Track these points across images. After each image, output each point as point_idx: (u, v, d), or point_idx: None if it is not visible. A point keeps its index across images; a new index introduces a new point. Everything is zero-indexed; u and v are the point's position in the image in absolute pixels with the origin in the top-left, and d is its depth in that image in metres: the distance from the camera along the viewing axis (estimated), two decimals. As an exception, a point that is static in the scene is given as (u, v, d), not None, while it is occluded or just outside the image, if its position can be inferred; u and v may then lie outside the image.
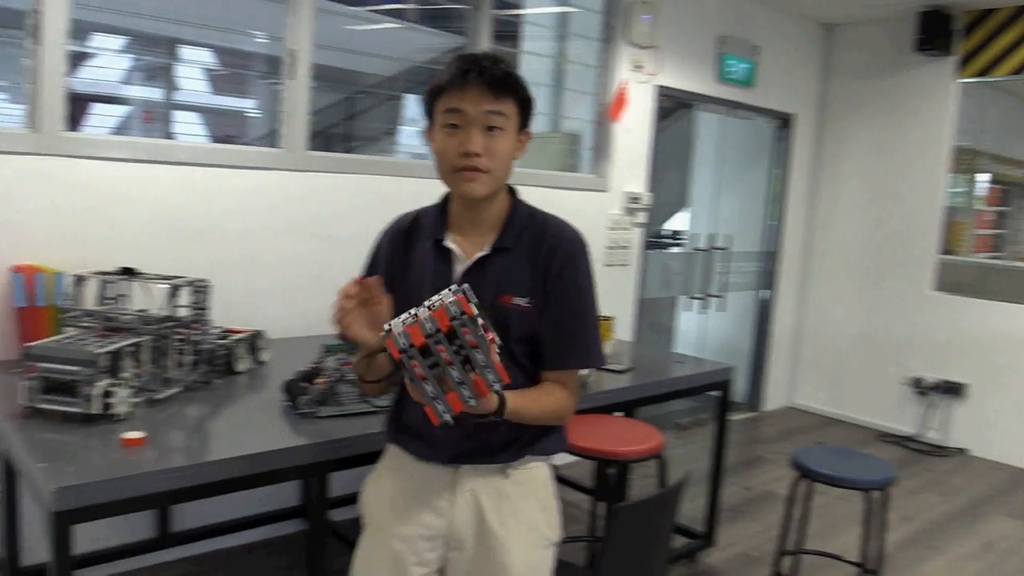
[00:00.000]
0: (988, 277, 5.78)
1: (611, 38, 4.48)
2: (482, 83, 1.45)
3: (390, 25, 8.02)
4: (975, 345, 5.20)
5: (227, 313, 2.75)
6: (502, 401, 1.39)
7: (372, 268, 1.67)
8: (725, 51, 5.04)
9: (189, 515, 3.10)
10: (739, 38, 5.15)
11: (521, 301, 1.52)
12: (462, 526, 1.57)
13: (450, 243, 1.57)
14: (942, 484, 4.63)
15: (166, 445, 1.91)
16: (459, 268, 1.55)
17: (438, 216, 1.61)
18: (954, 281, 5.43)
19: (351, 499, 3.37)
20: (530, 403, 1.50)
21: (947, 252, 5.53)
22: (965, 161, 6.01)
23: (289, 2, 3.17)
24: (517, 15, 4.74)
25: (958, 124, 5.37)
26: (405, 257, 1.62)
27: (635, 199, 4.68)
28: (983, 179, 6.95)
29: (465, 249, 1.56)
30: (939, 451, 5.20)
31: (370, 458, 2.05)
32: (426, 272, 1.57)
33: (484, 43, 3.92)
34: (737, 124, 5.72)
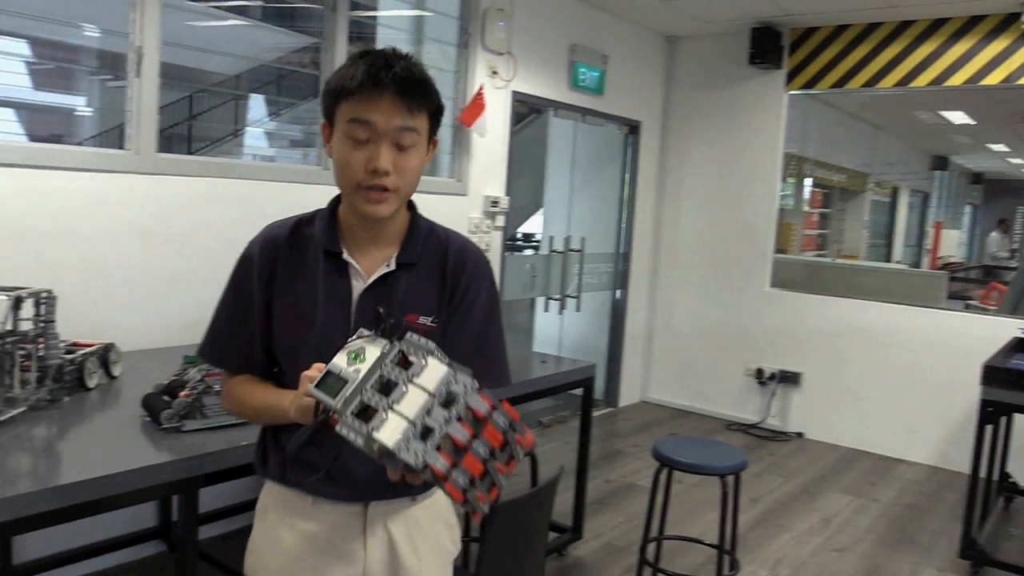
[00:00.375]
0: (816, 274, 6.29)
1: (467, 44, 4.52)
2: (395, 94, 1.29)
3: (235, 22, 7.69)
4: (808, 337, 5.63)
5: (73, 325, 2.55)
6: None
7: (243, 283, 1.44)
8: (576, 59, 5.20)
9: (32, 544, 2.85)
10: (589, 47, 5.32)
11: (426, 320, 1.41)
12: (376, 565, 1.45)
13: (348, 257, 1.41)
14: (783, 466, 4.98)
15: (11, 470, 1.76)
16: (358, 284, 1.41)
17: (328, 225, 1.43)
18: (787, 278, 5.85)
19: (214, 516, 3.24)
20: None
21: (780, 251, 5.96)
22: (793, 167, 6.50)
23: (135, -5, 3.00)
24: (373, 17, 4.69)
25: (786, 132, 5.80)
26: (287, 270, 1.42)
27: (494, 202, 4.74)
28: (808, 183, 7.54)
29: (362, 264, 1.42)
30: (780, 436, 5.59)
31: (242, 471, 1.98)
32: (318, 288, 1.40)
33: (341, 44, 3.85)
34: (589, 130, 5.92)
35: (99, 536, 3.03)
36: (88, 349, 2.40)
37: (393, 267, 1.42)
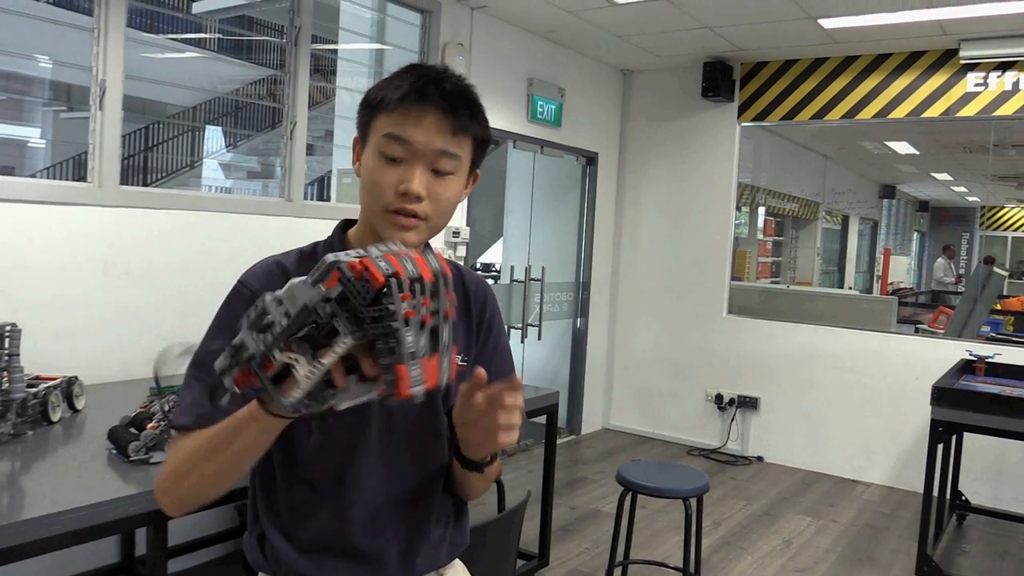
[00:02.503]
0: (771, 300, 6.42)
1: (429, 76, 4.58)
2: (440, 111, 1.15)
3: (192, 55, 7.68)
4: (764, 362, 5.74)
5: (35, 359, 2.52)
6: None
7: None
8: (535, 92, 5.30)
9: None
10: (547, 81, 5.43)
11: (457, 358, 1.21)
12: None
13: None
14: (744, 490, 5.05)
15: (-25, 505, 1.73)
16: None
17: None
18: (744, 305, 5.98)
19: (177, 552, 3.19)
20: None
21: (736, 278, 6.09)
22: (746, 196, 6.66)
23: (98, 30, 3.01)
24: (333, 51, 4.74)
25: (739, 163, 5.95)
26: None
27: (456, 233, 4.78)
28: (761, 212, 7.73)
29: None
30: (740, 460, 5.67)
31: (211, 503, 1.96)
32: None
33: (303, 77, 3.88)
34: (548, 161, 6.01)
35: (61, 573, 2.96)
36: (51, 382, 2.37)
37: None
